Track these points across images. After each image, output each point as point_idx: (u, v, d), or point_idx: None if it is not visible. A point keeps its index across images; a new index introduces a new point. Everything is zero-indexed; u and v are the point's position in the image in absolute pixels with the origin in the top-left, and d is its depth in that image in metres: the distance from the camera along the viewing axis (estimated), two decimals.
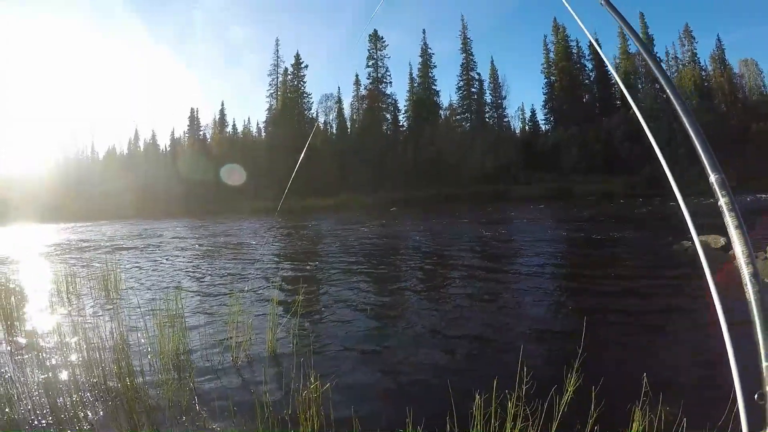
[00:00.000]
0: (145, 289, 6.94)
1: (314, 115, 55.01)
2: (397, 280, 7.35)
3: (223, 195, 45.36)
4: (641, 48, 1.06)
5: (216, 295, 6.38)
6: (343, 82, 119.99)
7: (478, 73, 53.15)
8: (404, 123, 54.49)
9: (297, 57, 54.86)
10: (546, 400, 2.11)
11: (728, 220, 0.75)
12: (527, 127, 54.52)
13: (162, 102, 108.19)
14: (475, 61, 53.04)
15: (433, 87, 53.71)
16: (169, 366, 3.38)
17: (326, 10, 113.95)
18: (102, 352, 3.25)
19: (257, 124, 59.89)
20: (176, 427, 2.64)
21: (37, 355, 3.75)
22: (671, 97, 0.90)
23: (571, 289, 6.28)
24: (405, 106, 54.40)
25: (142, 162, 57.21)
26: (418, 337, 4.27)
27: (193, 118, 59.86)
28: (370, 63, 53.79)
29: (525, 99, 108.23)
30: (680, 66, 47.91)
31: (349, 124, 56.05)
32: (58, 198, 48.14)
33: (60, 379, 3.24)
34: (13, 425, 2.63)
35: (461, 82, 53.06)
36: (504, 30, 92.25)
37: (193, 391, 3.06)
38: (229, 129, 59.06)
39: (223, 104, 59.53)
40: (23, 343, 4.23)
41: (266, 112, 56.48)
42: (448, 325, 4.63)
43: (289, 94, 54.56)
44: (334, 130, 55.97)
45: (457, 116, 53.40)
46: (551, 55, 51.39)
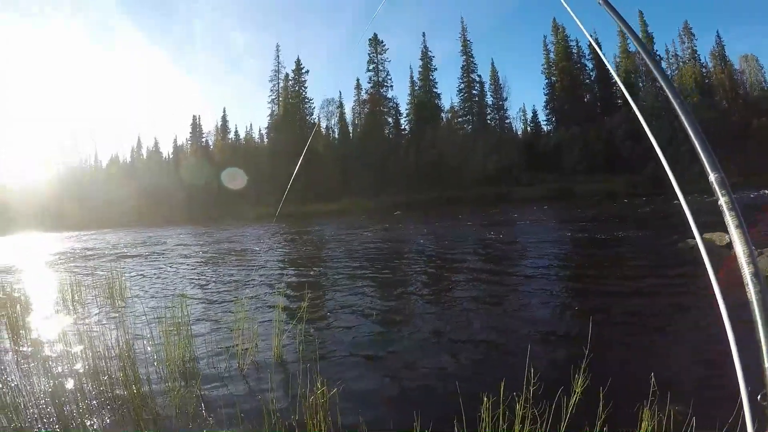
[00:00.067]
0: (150, 297, 6.95)
1: (316, 120, 55.24)
2: (402, 284, 7.34)
3: (226, 201, 45.55)
4: (639, 47, 1.06)
5: (221, 302, 6.38)
6: (344, 85, 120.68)
7: (479, 75, 53.36)
8: (406, 126, 54.67)
9: (298, 62, 55.27)
10: (554, 402, 2.11)
11: (728, 219, 0.74)
12: (529, 128, 54.52)
13: (164, 110, 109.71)
14: (476, 63, 53.27)
15: (434, 90, 53.89)
16: (175, 373, 3.37)
17: (326, 10, 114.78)
18: (108, 360, 3.26)
19: (259, 130, 60.35)
20: None
21: (43, 363, 3.75)
22: (670, 96, 0.90)
23: (576, 290, 6.25)
24: (406, 109, 54.62)
25: (145, 170, 57.59)
26: (424, 342, 4.25)
27: (196, 125, 60.28)
28: (371, 67, 54.09)
29: (526, 99, 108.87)
30: (681, 64, 47.79)
31: (350, 129, 56.22)
32: (62, 207, 48.50)
33: (66, 387, 3.24)
34: None
35: (462, 85, 53.20)
36: (504, 30, 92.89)
37: (200, 399, 3.06)
38: (232, 135, 59.45)
39: (225, 111, 59.68)
40: (29, 352, 4.24)
41: (268, 118, 56.85)
42: (454, 329, 4.61)
43: (291, 99, 54.82)
44: (336, 135, 56.17)
45: (459, 119, 53.44)
46: (551, 55, 51.43)
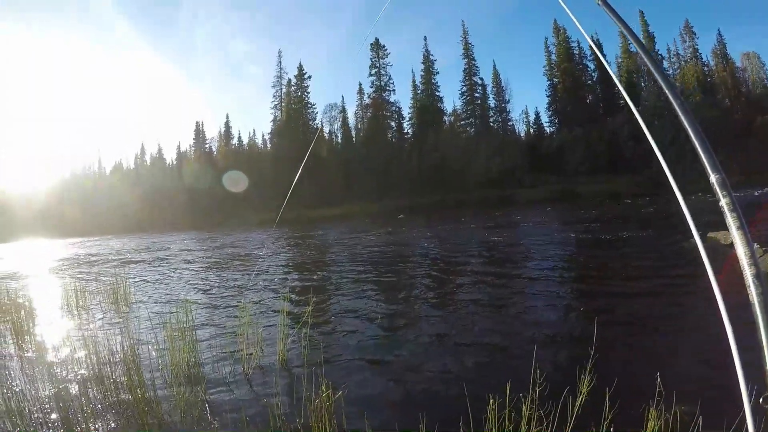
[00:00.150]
0: (154, 302, 6.97)
1: (319, 125, 55.39)
2: (406, 287, 7.33)
3: (230, 207, 45.68)
4: (638, 47, 1.06)
5: (225, 306, 6.40)
6: (347, 89, 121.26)
7: (481, 78, 53.19)
8: (408, 130, 54.61)
9: (300, 68, 55.43)
10: (560, 402, 2.10)
11: (730, 221, 0.74)
12: (531, 130, 54.36)
13: (168, 117, 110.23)
14: (478, 66, 53.13)
15: (437, 93, 53.83)
16: (180, 378, 3.38)
17: (326, 10, 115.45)
18: (112, 365, 3.27)
19: (262, 135, 60.43)
20: None
21: (47, 369, 3.77)
22: (670, 97, 0.90)
23: (581, 291, 6.23)
24: (409, 113, 54.59)
25: (149, 176, 57.94)
26: (429, 345, 4.24)
27: (199, 132, 60.59)
28: (373, 71, 54.13)
29: (529, 101, 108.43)
30: (682, 63, 47.52)
31: (353, 133, 56.24)
32: (66, 213, 48.86)
33: (71, 392, 3.25)
34: None
35: (464, 88, 53.12)
36: (505, 33, 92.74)
37: (205, 403, 3.06)
38: (235, 141, 59.64)
39: (228, 117, 60.12)
40: (34, 357, 4.26)
41: (271, 124, 56.94)
42: (459, 332, 4.60)
43: (293, 105, 54.94)
44: (339, 140, 56.26)
45: (461, 122, 53.34)
46: (553, 56, 51.29)
